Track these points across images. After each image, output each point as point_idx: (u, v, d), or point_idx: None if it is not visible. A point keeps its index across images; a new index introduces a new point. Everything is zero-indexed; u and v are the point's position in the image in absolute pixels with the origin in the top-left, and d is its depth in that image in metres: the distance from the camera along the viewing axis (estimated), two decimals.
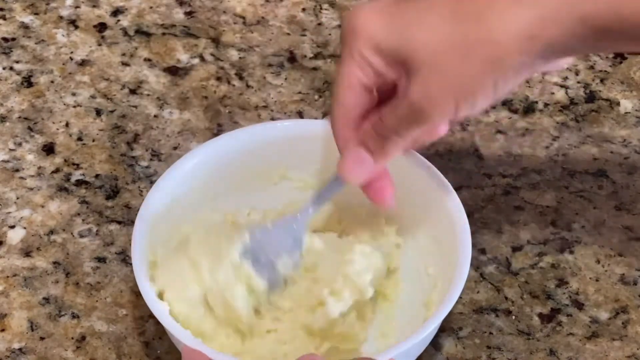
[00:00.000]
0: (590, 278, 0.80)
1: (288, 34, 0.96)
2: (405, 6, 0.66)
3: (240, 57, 0.94)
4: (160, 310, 0.70)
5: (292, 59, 0.94)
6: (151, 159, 0.87)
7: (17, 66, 0.93)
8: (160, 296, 0.72)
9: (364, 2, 0.68)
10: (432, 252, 0.76)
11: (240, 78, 0.93)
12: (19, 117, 0.90)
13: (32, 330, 0.77)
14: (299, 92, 0.92)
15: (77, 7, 0.98)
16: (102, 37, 0.96)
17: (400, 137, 0.68)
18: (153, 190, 0.76)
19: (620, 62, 0.94)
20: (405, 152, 0.73)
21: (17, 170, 0.86)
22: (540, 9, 0.63)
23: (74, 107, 0.90)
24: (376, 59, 0.66)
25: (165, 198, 0.76)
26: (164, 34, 0.96)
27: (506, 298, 0.79)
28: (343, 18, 0.67)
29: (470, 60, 0.63)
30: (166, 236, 0.76)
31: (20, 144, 0.88)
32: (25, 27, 0.96)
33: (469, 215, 0.74)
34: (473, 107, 0.65)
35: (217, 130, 0.89)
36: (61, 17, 0.97)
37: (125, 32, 0.96)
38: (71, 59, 0.94)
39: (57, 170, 0.86)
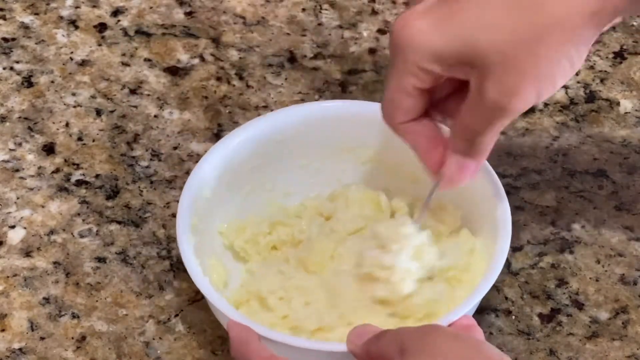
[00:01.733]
0: (590, 278, 0.80)
1: (288, 34, 0.96)
2: (456, 5, 0.64)
3: (240, 57, 0.94)
4: (202, 282, 0.71)
5: (292, 59, 0.94)
6: (151, 159, 0.87)
7: (17, 66, 0.93)
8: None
9: (406, 10, 0.66)
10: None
11: (240, 78, 0.93)
12: (19, 117, 0.90)
13: (32, 330, 0.77)
14: (299, 92, 0.92)
15: (77, 7, 0.98)
16: (102, 37, 0.96)
17: (487, 134, 0.67)
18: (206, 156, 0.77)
19: (620, 62, 0.94)
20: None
21: (17, 170, 0.86)
22: None
23: (74, 107, 0.90)
24: (435, 67, 0.65)
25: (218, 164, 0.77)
26: (164, 34, 0.96)
27: (506, 298, 0.79)
28: (390, 28, 0.64)
29: (542, 49, 0.62)
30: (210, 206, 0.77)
31: (20, 144, 0.88)
32: (25, 27, 0.96)
33: None
34: (554, 88, 0.65)
35: (217, 130, 0.89)
36: (61, 17, 0.97)
37: (125, 32, 0.96)
38: (71, 59, 0.94)
39: (57, 170, 0.86)
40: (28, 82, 0.92)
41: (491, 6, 0.63)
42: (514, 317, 0.78)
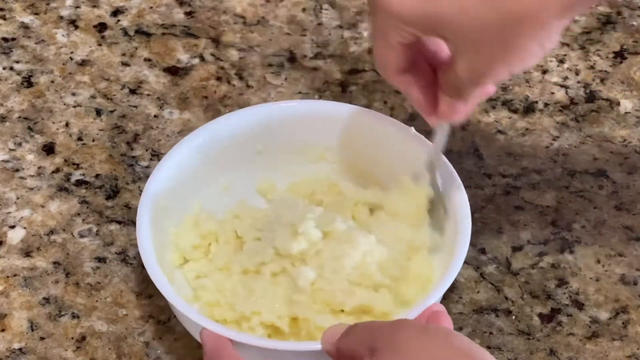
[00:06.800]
0: (590, 278, 0.80)
1: (288, 34, 0.96)
2: None
3: (240, 57, 0.94)
4: (166, 287, 0.71)
5: (292, 59, 0.94)
6: (151, 159, 0.87)
7: (17, 66, 0.93)
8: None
9: None
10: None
11: (240, 78, 0.93)
12: (19, 117, 0.90)
13: (32, 330, 0.77)
14: (299, 92, 0.92)
15: (77, 7, 0.98)
16: (102, 37, 0.96)
17: (470, 91, 0.68)
18: (163, 160, 0.78)
19: (621, 62, 0.94)
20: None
21: (17, 170, 0.86)
22: None
23: (74, 107, 0.90)
24: (410, 29, 0.66)
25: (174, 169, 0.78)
26: (164, 34, 0.96)
27: (506, 298, 0.79)
28: None
29: (512, 36, 0.64)
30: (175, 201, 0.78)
31: (20, 144, 0.88)
32: (25, 27, 0.96)
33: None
34: (525, 67, 0.66)
35: None
36: (61, 17, 0.97)
37: (125, 32, 0.96)
38: (71, 59, 0.94)
39: (57, 170, 0.86)
40: (28, 82, 0.92)
41: None
42: (514, 317, 0.78)
